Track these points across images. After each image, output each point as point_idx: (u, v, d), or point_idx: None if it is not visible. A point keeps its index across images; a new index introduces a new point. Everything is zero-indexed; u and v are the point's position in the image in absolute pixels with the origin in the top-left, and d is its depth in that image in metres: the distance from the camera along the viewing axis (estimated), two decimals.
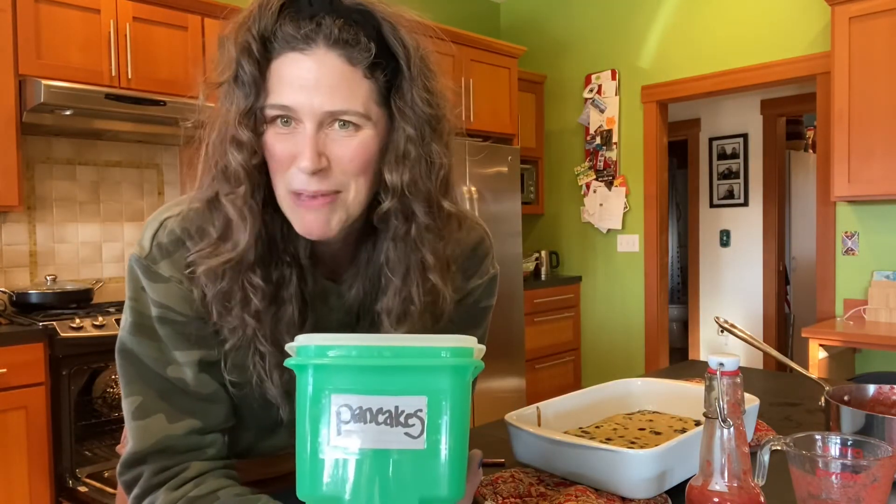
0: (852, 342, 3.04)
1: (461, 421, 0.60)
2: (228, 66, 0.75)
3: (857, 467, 0.66)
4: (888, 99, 2.98)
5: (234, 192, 0.76)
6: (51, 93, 2.43)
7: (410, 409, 0.59)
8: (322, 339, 0.60)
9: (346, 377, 0.59)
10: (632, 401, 1.14)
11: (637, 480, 0.81)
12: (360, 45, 0.73)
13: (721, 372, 0.64)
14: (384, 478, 0.59)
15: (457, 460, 0.60)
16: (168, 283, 0.78)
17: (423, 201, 0.79)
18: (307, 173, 0.73)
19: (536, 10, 4.74)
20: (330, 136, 0.74)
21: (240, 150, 0.75)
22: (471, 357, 0.61)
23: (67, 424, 2.38)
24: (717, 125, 5.37)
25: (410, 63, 0.76)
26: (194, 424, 0.79)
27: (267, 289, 0.78)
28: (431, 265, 0.81)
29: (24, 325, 2.41)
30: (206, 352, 0.80)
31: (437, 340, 0.61)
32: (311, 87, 0.72)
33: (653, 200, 4.19)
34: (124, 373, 0.80)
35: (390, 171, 0.77)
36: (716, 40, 3.86)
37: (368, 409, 0.59)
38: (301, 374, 0.60)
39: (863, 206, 3.35)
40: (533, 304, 4.18)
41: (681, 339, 6.15)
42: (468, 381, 0.61)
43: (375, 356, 0.59)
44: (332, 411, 0.59)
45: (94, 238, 3.04)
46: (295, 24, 0.73)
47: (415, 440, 0.59)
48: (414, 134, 0.77)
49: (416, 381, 0.59)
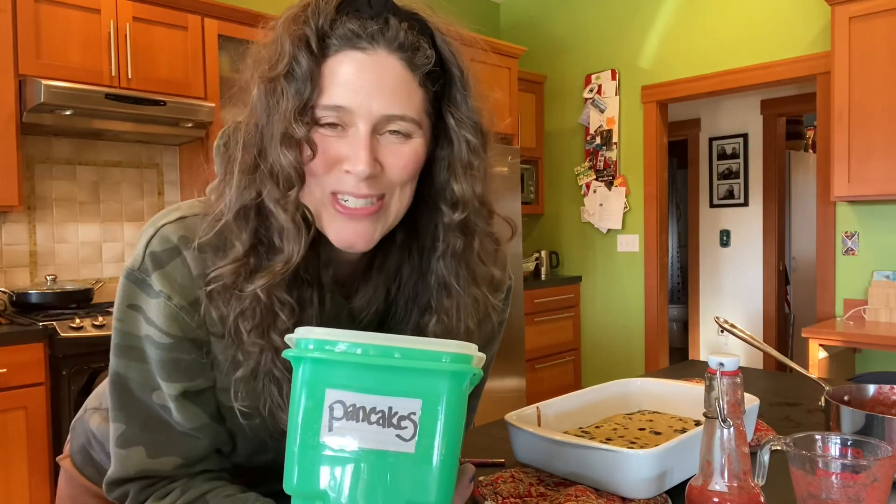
0: (852, 342, 3.04)
1: (455, 428, 0.59)
2: (281, 59, 0.70)
3: (857, 467, 0.65)
4: (888, 99, 2.98)
5: (286, 197, 0.70)
6: (51, 93, 2.43)
7: (404, 411, 0.58)
8: (322, 332, 0.59)
9: (343, 373, 0.58)
10: (632, 401, 1.14)
11: (637, 480, 0.81)
12: (422, 50, 0.72)
13: (721, 372, 0.64)
14: (371, 478, 0.58)
15: (447, 467, 0.59)
16: (157, 300, 0.72)
17: (487, 212, 0.78)
18: (362, 177, 0.69)
19: (536, 10, 4.74)
20: (382, 143, 0.71)
21: (292, 149, 0.69)
22: (469, 364, 0.60)
23: (67, 425, 2.38)
24: (717, 125, 5.37)
25: (464, 74, 0.75)
26: (175, 462, 0.75)
27: (295, 306, 0.73)
28: (493, 278, 0.79)
29: (24, 325, 2.41)
30: (189, 382, 0.74)
31: (437, 345, 0.60)
32: (370, 88, 0.69)
33: (653, 200, 4.19)
34: (111, 396, 0.76)
35: (458, 182, 0.75)
36: (716, 40, 3.86)
37: (362, 407, 0.58)
38: (297, 366, 0.59)
39: (863, 206, 3.34)
40: (533, 304, 4.18)
41: (681, 339, 6.15)
42: (465, 389, 0.60)
43: (374, 355, 0.58)
44: (325, 406, 0.58)
45: (94, 238, 3.04)
46: (359, 22, 0.70)
47: (406, 443, 0.58)
48: (477, 143, 0.76)
49: (413, 384, 0.58)
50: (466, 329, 0.78)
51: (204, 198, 0.77)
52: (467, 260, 0.77)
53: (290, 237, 0.70)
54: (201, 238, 0.73)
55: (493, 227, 0.80)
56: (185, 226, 0.74)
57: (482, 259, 0.78)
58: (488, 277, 0.79)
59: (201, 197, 0.78)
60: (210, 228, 0.73)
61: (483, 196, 0.77)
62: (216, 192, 0.75)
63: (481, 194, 0.76)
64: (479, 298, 0.79)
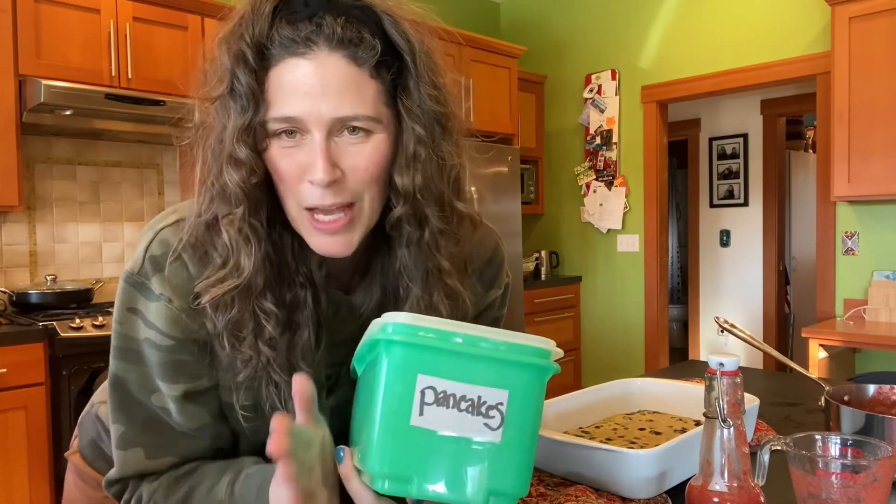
0: (852, 342, 3.04)
1: (536, 420, 0.61)
2: (222, 77, 0.69)
3: (857, 467, 0.65)
4: (888, 99, 2.98)
5: (232, 214, 0.70)
6: (51, 93, 2.42)
7: (493, 400, 0.60)
8: (411, 318, 0.60)
9: (436, 360, 0.59)
10: (632, 401, 1.14)
11: (637, 480, 0.81)
12: (365, 42, 0.68)
13: (721, 372, 0.64)
14: (459, 464, 0.59)
15: (528, 458, 0.61)
16: (158, 303, 0.72)
17: (436, 204, 0.74)
18: (322, 186, 0.67)
19: (536, 10, 4.74)
20: (340, 145, 0.69)
21: (237, 169, 0.68)
22: (549, 359, 0.61)
23: (67, 424, 2.38)
24: (717, 125, 5.37)
25: (416, 59, 0.72)
26: (173, 461, 0.76)
27: (281, 314, 0.72)
28: (448, 270, 0.77)
29: (24, 325, 2.41)
30: (191, 383, 0.74)
31: (521, 338, 0.61)
32: (316, 93, 0.67)
33: (653, 200, 4.19)
34: (110, 398, 0.76)
35: (401, 175, 0.72)
36: (716, 40, 3.86)
37: (452, 394, 0.59)
38: (388, 349, 0.59)
39: (863, 206, 3.34)
40: (533, 304, 4.18)
41: (681, 339, 6.15)
42: (545, 383, 0.62)
43: (466, 343, 0.60)
44: (417, 391, 0.59)
45: (94, 238, 3.04)
46: (293, 27, 0.67)
47: (493, 432, 0.60)
48: (424, 134, 0.72)
49: (502, 375, 0.60)
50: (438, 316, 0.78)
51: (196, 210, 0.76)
52: (424, 250, 0.76)
53: (240, 251, 0.70)
54: (192, 241, 0.73)
55: (450, 220, 0.76)
56: (184, 229, 0.74)
57: (433, 251, 0.76)
58: (443, 268, 0.77)
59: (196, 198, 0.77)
60: (201, 240, 0.73)
61: (430, 188, 0.73)
62: (196, 211, 0.75)
63: (425, 186, 0.73)
64: (447, 288, 0.77)
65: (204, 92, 0.71)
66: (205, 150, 0.72)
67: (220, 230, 0.71)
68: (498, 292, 0.92)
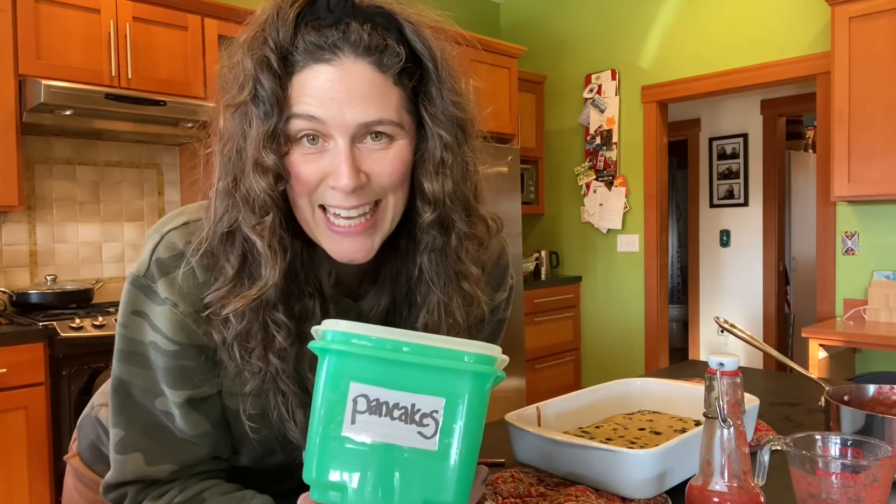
0: (852, 342, 3.04)
1: (475, 429, 0.60)
2: (244, 83, 0.68)
3: (857, 467, 0.65)
4: (888, 99, 2.98)
5: (261, 223, 0.68)
6: (51, 93, 2.42)
7: (427, 408, 0.59)
8: (347, 325, 0.59)
9: (368, 368, 0.58)
10: (632, 401, 1.14)
11: (637, 480, 0.81)
12: (390, 49, 0.68)
13: (721, 372, 0.64)
14: (392, 473, 0.58)
15: (466, 467, 0.59)
16: (163, 307, 0.72)
17: (463, 209, 0.75)
18: (347, 191, 0.67)
19: (536, 10, 4.74)
20: (364, 151, 0.68)
21: (264, 176, 0.67)
22: (493, 366, 0.60)
23: (67, 425, 2.38)
24: (717, 125, 5.37)
25: (438, 66, 0.72)
26: (173, 468, 0.75)
27: (291, 325, 0.72)
28: (474, 275, 0.77)
29: (24, 325, 2.41)
30: (195, 390, 0.74)
31: (462, 344, 0.60)
32: (342, 99, 0.66)
33: (653, 200, 4.19)
34: (112, 401, 0.75)
35: (430, 181, 0.72)
36: (716, 40, 3.86)
37: (385, 402, 0.58)
38: (323, 357, 0.59)
39: (863, 206, 3.34)
40: (533, 304, 4.18)
41: (681, 339, 6.15)
42: (487, 390, 0.60)
43: (400, 351, 0.59)
44: (349, 399, 0.58)
45: (94, 238, 3.04)
46: (318, 33, 0.67)
47: (427, 440, 0.58)
48: (451, 140, 0.72)
49: (437, 382, 0.59)
50: (455, 323, 0.77)
51: (207, 202, 0.75)
52: (448, 256, 0.76)
53: (267, 263, 0.69)
54: (201, 247, 0.72)
55: (475, 225, 0.77)
56: (191, 231, 0.74)
57: (460, 256, 0.76)
58: (470, 274, 0.77)
59: (204, 201, 0.76)
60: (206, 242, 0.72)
61: (457, 193, 0.74)
62: (211, 216, 0.73)
63: (454, 192, 0.73)
64: (464, 293, 0.77)
65: (228, 98, 0.70)
66: (223, 155, 0.71)
67: (237, 239, 0.70)
68: (504, 294, 0.93)
